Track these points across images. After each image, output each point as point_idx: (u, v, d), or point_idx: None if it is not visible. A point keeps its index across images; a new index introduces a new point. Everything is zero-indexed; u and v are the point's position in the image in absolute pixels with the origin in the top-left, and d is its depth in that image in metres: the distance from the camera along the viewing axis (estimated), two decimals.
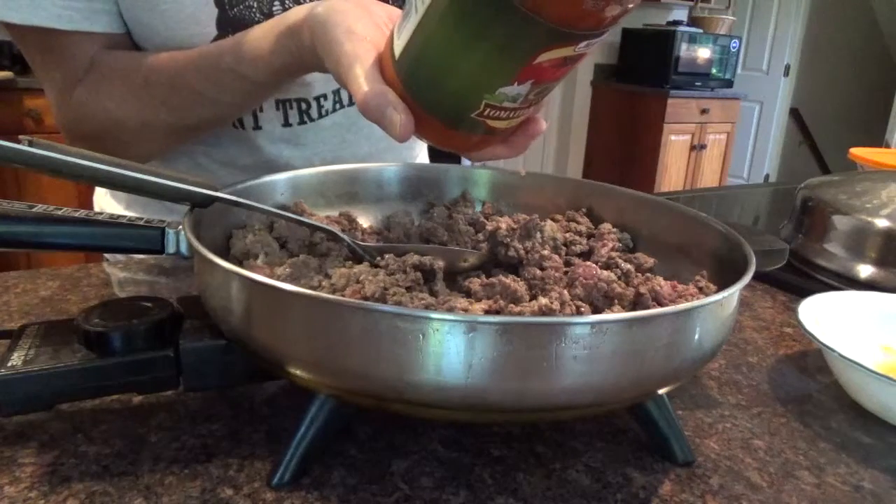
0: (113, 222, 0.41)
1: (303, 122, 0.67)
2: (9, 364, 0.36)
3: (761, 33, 4.61)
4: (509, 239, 0.46)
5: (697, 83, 3.72)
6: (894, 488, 0.39)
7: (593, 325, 0.30)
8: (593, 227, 0.53)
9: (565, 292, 0.40)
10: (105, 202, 0.76)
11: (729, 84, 3.87)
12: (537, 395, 0.31)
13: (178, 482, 0.35)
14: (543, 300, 0.38)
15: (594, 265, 0.44)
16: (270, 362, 0.35)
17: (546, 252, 0.46)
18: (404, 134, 0.37)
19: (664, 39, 3.61)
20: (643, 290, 0.41)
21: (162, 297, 0.42)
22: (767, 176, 4.79)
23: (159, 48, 0.57)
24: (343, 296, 0.37)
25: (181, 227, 0.40)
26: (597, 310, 0.41)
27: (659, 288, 0.42)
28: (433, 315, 0.30)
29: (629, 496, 0.36)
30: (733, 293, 0.35)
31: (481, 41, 0.32)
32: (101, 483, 0.35)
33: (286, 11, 0.49)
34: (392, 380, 0.31)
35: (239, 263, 0.43)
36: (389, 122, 0.37)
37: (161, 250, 0.41)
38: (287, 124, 0.66)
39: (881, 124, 3.88)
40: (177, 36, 0.57)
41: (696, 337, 0.34)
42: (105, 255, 0.69)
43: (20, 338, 0.39)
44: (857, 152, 1.15)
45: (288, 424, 0.39)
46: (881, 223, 0.67)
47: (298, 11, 0.46)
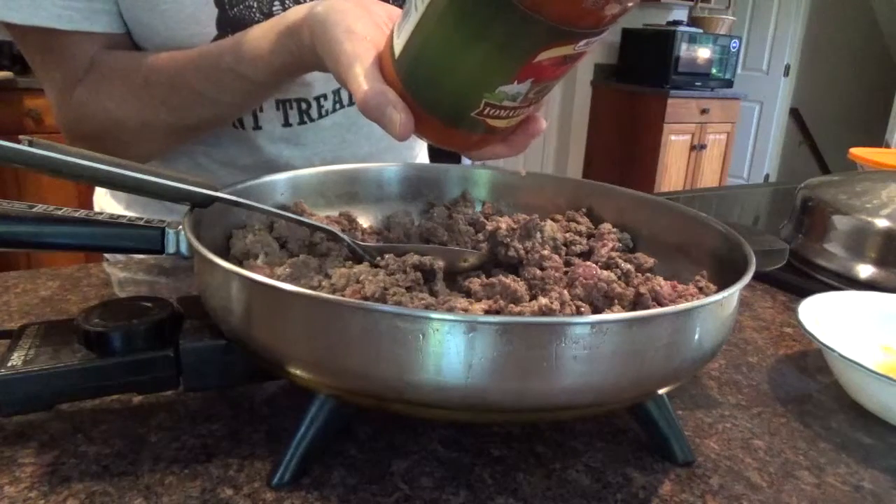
0: (113, 222, 0.41)
1: (303, 122, 0.67)
2: (9, 364, 0.36)
3: (761, 33, 4.60)
4: (509, 239, 0.46)
5: (697, 83, 3.72)
6: (894, 488, 0.39)
7: (593, 325, 0.30)
8: (593, 227, 0.53)
9: (565, 292, 0.40)
10: (105, 202, 0.76)
11: (729, 84, 3.87)
12: (537, 395, 0.31)
13: (178, 482, 0.35)
14: (543, 300, 0.38)
15: (594, 265, 0.44)
16: (270, 362, 0.35)
17: (546, 252, 0.46)
18: (404, 133, 0.37)
19: (664, 39, 3.61)
20: (643, 290, 0.41)
21: (162, 297, 0.42)
22: (767, 176, 4.79)
23: (159, 48, 0.57)
24: (343, 296, 0.37)
25: (181, 227, 0.40)
26: (597, 310, 0.41)
27: (659, 288, 0.42)
28: (433, 315, 0.30)
29: (629, 496, 0.36)
30: (733, 293, 0.35)
31: (481, 40, 0.32)
32: (101, 483, 0.35)
33: (286, 11, 0.49)
34: (392, 380, 0.31)
35: (239, 263, 0.43)
36: (389, 121, 0.37)
37: (161, 250, 0.41)
38: (287, 124, 0.66)
39: (881, 124, 3.88)
40: (177, 36, 0.57)
41: (696, 337, 0.34)
42: (105, 255, 0.69)
43: (20, 338, 0.39)
44: (857, 152, 1.15)
45: (288, 424, 0.39)
46: (881, 223, 0.67)
47: (298, 11, 0.46)
